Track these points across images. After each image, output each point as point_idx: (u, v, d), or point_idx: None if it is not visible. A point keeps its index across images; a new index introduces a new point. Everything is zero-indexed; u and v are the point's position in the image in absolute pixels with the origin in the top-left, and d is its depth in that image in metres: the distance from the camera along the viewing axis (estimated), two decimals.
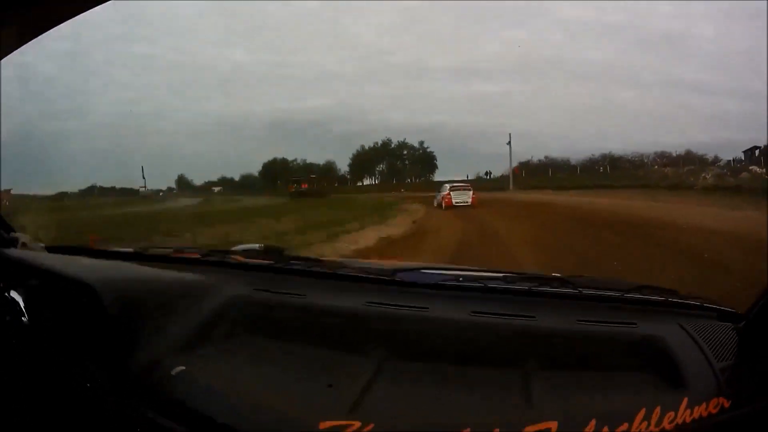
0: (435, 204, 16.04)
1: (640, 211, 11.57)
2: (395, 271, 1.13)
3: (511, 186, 25.29)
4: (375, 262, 1.40)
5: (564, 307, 0.99)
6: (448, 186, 16.69)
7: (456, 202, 15.34)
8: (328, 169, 31.24)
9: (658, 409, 0.70)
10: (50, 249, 1.30)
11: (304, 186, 26.23)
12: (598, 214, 11.66)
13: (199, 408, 0.77)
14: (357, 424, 0.70)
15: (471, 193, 16.11)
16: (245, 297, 1.06)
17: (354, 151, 31.75)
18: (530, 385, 0.81)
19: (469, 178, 25.85)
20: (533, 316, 0.94)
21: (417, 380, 0.84)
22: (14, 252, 1.15)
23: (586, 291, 1.02)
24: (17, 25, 1.01)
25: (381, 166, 32.37)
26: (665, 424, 0.69)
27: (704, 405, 0.71)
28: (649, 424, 0.69)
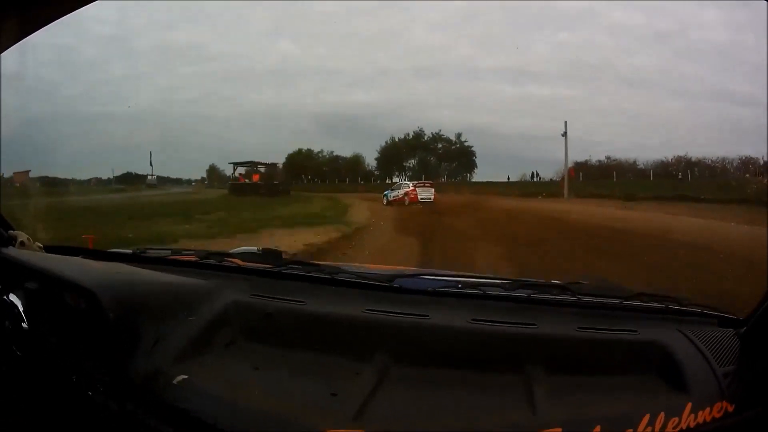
0: (385, 202, 16.69)
1: None
2: (394, 277, 1.13)
3: (565, 192, 18.19)
4: (373, 268, 1.40)
5: (564, 314, 0.99)
6: (410, 183, 17.98)
7: (421, 198, 16.38)
8: (355, 162, 27.32)
9: (662, 415, 0.70)
10: (48, 249, 1.29)
11: (255, 178, 20.50)
12: None
13: (202, 417, 0.77)
14: None
15: (433, 190, 17.28)
16: (245, 303, 1.05)
17: (383, 143, 26.81)
18: (533, 392, 0.81)
19: (510, 180, 22.41)
20: (534, 324, 0.94)
21: (420, 388, 0.84)
22: (12, 251, 1.14)
23: (585, 298, 1.03)
24: (19, 18, 1.01)
25: (412, 162, 26.98)
26: (670, 429, 0.69)
27: (708, 410, 0.72)
28: (653, 430, 0.69)
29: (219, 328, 0.98)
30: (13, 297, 0.95)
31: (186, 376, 0.84)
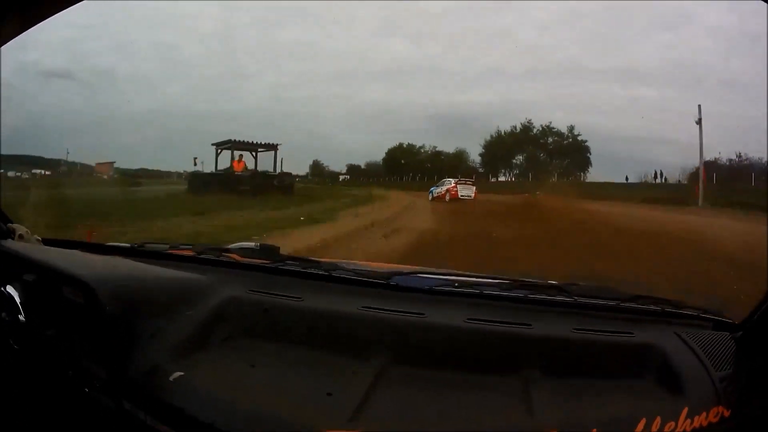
0: (430, 198, 16.75)
1: None
2: (391, 274, 1.13)
3: (700, 199, 13.27)
4: (371, 265, 1.40)
5: (560, 315, 0.99)
6: (452, 181, 17.54)
7: (461, 195, 16.27)
8: (458, 158, 24.35)
9: (658, 419, 0.70)
10: (47, 242, 1.29)
11: (238, 167, 13.47)
12: None
13: (198, 415, 0.77)
14: None
15: (474, 188, 17.16)
16: (242, 299, 1.05)
17: (488, 137, 23.47)
18: (529, 393, 0.81)
19: (629, 181, 18.30)
20: (529, 324, 0.94)
21: (416, 388, 0.84)
22: (11, 244, 1.14)
23: (581, 299, 1.02)
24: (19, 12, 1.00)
25: (519, 158, 23.79)
26: None
27: (704, 414, 0.72)
28: None
29: (216, 324, 0.98)
30: (10, 289, 0.95)
31: (182, 373, 0.84)
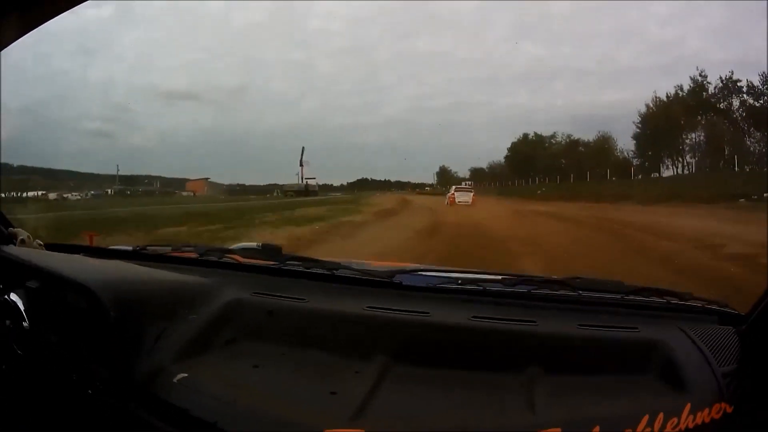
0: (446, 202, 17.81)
1: None
2: (394, 273, 1.13)
3: None
4: (374, 264, 1.40)
5: (564, 311, 0.99)
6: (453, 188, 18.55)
7: (458, 201, 17.32)
8: (600, 148, 18.58)
9: (661, 415, 0.70)
10: (49, 247, 1.30)
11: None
12: None
13: (202, 415, 0.77)
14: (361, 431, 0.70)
15: (472, 194, 17.81)
16: (245, 300, 1.05)
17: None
18: (533, 390, 0.81)
19: None
20: (534, 321, 0.94)
21: (420, 387, 0.84)
22: (12, 249, 1.15)
23: (586, 294, 1.02)
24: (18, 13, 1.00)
25: (693, 134, 16.56)
26: (669, 430, 0.69)
27: (707, 410, 0.72)
28: (652, 430, 0.69)
29: (219, 326, 0.99)
30: (13, 295, 0.95)
31: (186, 375, 0.85)
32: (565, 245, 7.50)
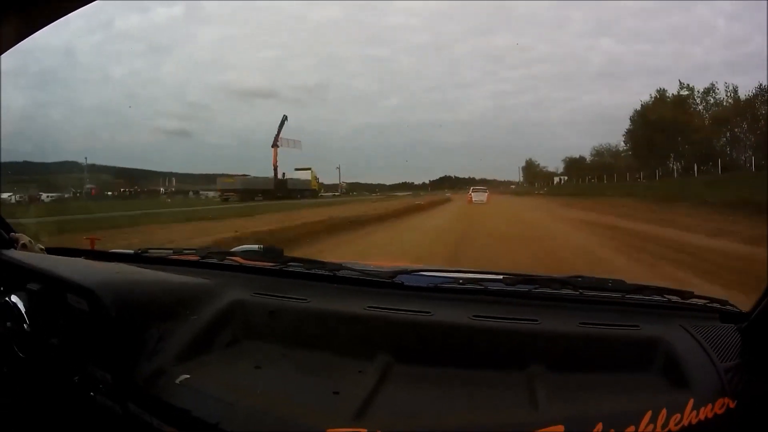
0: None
1: None
2: (396, 273, 1.13)
3: None
4: (375, 264, 1.40)
5: (566, 309, 0.99)
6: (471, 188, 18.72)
7: (475, 201, 17.57)
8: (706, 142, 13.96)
9: (664, 411, 0.70)
10: (50, 250, 1.30)
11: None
12: None
13: (204, 416, 0.77)
14: (364, 431, 0.70)
15: (487, 194, 17.84)
16: (247, 301, 1.05)
17: None
18: (535, 389, 0.81)
19: None
20: (536, 320, 0.94)
21: (422, 386, 0.84)
22: (14, 253, 1.15)
23: (587, 293, 1.02)
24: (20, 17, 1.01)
25: None
26: (672, 426, 0.69)
27: (710, 406, 0.72)
28: (655, 427, 0.69)
29: (221, 328, 0.99)
30: (15, 298, 0.95)
31: (188, 376, 0.85)
32: None
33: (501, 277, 1.10)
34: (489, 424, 0.74)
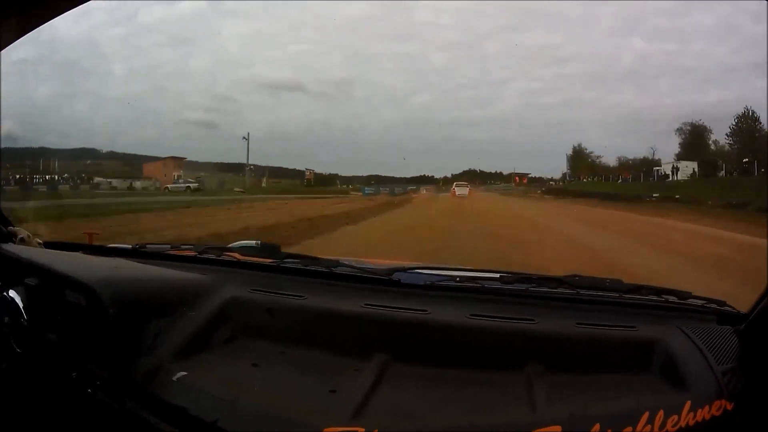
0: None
1: None
2: (393, 270, 1.12)
3: None
4: (373, 261, 1.40)
5: (563, 309, 0.99)
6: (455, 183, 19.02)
7: (458, 194, 17.70)
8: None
9: (661, 413, 0.70)
10: (48, 244, 1.29)
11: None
12: None
13: (201, 414, 0.77)
14: (361, 430, 0.70)
15: (468, 188, 18.45)
16: (244, 298, 1.05)
17: None
18: (533, 389, 0.80)
19: None
20: (532, 319, 0.94)
21: (419, 385, 0.84)
22: (12, 247, 1.15)
23: (584, 292, 1.02)
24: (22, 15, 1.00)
25: None
26: (669, 428, 0.69)
27: (707, 408, 0.72)
28: (652, 428, 0.69)
29: (218, 324, 0.99)
30: (12, 293, 0.95)
31: (185, 373, 0.85)
32: None
33: (498, 275, 1.10)
34: (487, 424, 0.74)
